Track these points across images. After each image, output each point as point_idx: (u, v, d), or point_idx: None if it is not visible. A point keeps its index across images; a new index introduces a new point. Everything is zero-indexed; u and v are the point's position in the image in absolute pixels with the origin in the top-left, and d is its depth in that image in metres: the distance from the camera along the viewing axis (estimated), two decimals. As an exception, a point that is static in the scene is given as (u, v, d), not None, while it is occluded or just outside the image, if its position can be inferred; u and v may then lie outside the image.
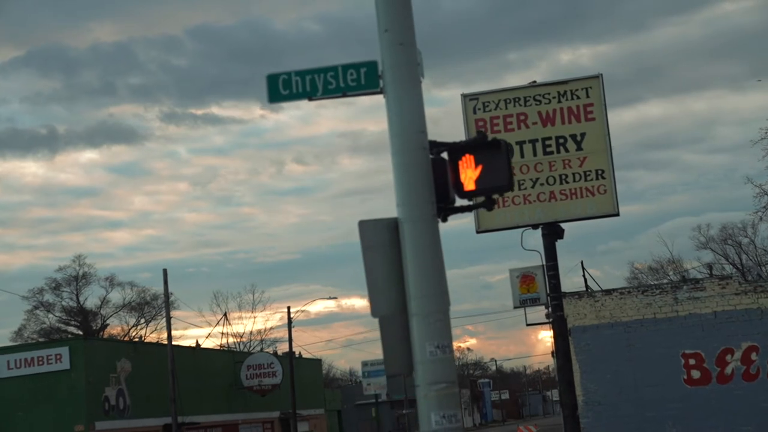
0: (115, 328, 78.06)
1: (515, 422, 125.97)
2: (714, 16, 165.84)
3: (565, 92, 17.77)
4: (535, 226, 19.55)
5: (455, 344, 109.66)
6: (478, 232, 19.27)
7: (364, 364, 44.91)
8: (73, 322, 78.15)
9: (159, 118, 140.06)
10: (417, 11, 7.87)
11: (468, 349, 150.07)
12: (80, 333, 76.71)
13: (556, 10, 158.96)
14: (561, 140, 18.56)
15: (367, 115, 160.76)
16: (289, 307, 56.41)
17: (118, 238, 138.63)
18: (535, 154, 18.73)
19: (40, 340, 75.50)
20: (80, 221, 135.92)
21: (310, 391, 63.39)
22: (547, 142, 18.72)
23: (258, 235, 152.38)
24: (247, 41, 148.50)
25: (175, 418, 41.73)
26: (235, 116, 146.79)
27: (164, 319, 77.12)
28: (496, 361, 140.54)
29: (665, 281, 49.01)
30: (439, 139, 7.97)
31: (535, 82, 19.22)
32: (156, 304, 78.30)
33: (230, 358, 54.62)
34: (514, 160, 18.35)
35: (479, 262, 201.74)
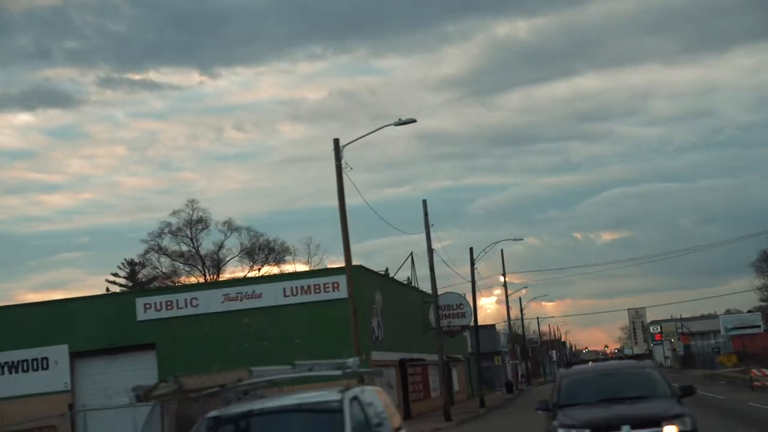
0: (223, 274, 77.96)
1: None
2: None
3: None
4: None
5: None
6: None
7: None
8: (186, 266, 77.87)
9: (96, 83, 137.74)
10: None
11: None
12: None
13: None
14: None
15: (307, 83, 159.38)
16: (471, 248, 57.03)
17: (54, 201, 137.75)
18: None
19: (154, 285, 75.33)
20: (15, 184, 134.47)
21: (456, 337, 64.18)
22: None
23: (198, 200, 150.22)
24: (184, 8, 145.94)
25: (442, 355, 42.22)
26: (174, 82, 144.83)
27: (275, 266, 77.18)
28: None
29: None
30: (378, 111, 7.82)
31: None
32: (268, 249, 78.49)
33: (419, 297, 55.03)
34: None
35: (419, 230, 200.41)
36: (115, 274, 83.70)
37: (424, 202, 43.98)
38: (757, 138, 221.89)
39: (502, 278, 79.31)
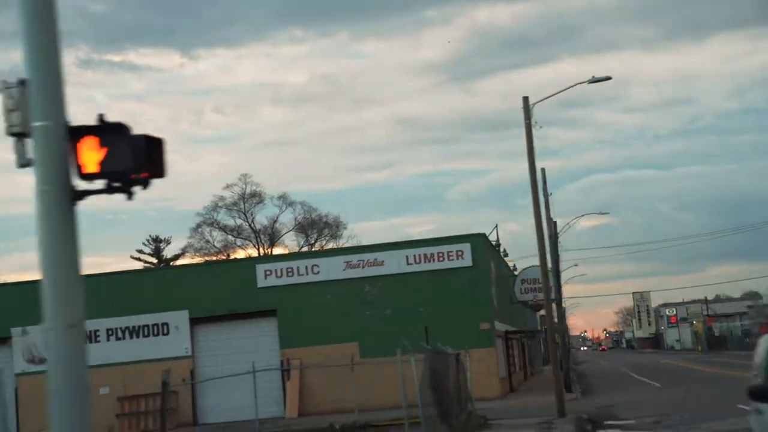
0: (276, 248, 77.32)
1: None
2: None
3: None
4: None
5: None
6: None
7: None
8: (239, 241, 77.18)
9: (75, 64, 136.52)
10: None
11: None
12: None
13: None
14: None
15: (288, 66, 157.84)
16: (555, 222, 56.48)
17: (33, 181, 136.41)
18: None
19: (216, 257, 74.49)
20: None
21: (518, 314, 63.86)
22: None
23: (178, 183, 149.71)
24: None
25: (552, 331, 41.76)
26: (153, 64, 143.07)
27: (329, 241, 76.62)
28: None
29: None
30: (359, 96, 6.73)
31: None
32: (321, 224, 77.93)
33: (507, 270, 54.67)
34: None
35: (400, 214, 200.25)
36: (140, 251, 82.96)
37: (543, 170, 43.72)
38: (735, 126, 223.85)
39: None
